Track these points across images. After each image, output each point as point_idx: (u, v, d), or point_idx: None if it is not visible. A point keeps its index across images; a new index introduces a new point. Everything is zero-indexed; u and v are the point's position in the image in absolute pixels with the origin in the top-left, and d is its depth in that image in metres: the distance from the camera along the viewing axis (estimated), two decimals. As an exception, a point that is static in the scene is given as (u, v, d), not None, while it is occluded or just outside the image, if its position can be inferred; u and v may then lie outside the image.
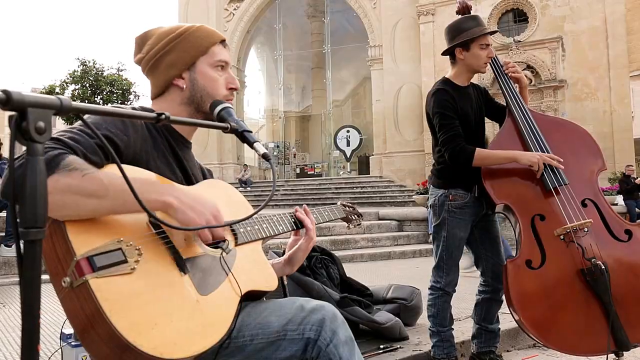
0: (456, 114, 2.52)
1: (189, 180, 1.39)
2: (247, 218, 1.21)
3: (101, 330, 0.95)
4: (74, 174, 0.99)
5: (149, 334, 0.97)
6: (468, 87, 2.67)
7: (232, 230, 1.31)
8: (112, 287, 0.97)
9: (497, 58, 2.68)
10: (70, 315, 1.01)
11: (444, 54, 2.70)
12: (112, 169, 1.11)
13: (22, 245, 0.70)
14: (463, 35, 2.56)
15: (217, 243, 1.24)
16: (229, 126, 1.19)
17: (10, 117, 0.71)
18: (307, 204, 1.66)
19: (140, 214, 1.04)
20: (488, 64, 2.61)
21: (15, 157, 0.91)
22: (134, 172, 1.15)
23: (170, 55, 1.36)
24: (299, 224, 1.54)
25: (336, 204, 1.87)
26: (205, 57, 1.38)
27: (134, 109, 1.29)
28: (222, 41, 1.43)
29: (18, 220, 0.70)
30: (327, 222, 1.73)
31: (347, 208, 1.91)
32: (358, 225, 1.96)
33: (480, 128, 2.70)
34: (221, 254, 1.21)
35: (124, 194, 1.00)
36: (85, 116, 1.14)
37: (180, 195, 1.09)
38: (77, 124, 1.14)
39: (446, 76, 2.67)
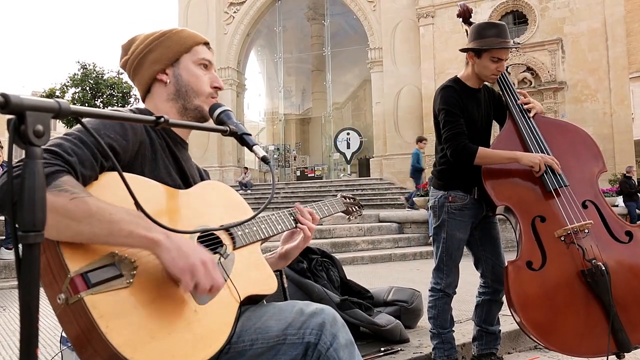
0: (462, 113, 2.51)
1: (186, 181, 1.38)
2: (246, 222, 1.21)
3: (98, 346, 0.94)
4: (62, 196, 0.96)
5: (146, 348, 0.97)
6: (479, 90, 2.64)
7: (230, 234, 1.30)
8: (107, 303, 0.96)
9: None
10: (67, 330, 1.00)
11: (460, 51, 2.66)
12: (109, 179, 1.11)
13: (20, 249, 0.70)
14: (478, 43, 2.50)
15: (215, 248, 1.23)
16: (228, 129, 1.19)
17: (8, 121, 0.70)
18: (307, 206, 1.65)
19: (128, 239, 1.01)
20: (496, 77, 2.56)
21: (14, 164, 0.90)
22: (132, 184, 1.14)
23: (153, 52, 1.39)
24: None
25: (336, 196, 1.86)
26: (188, 54, 1.42)
27: (131, 111, 1.29)
28: (206, 43, 1.46)
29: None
30: (327, 216, 1.71)
31: (347, 200, 1.90)
32: (359, 216, 1.95)
33: (487, 131, 2.68)
34: (219, 259, 1.20)
35: (110, 225, 0.98)
36: (85, 120, 1.14)
37: (172, 235, 1.04)
38: (75, 129, 1.12)
39: (458, 75, 2.66)
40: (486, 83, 2.67)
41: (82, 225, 0.97)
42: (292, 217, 1.53)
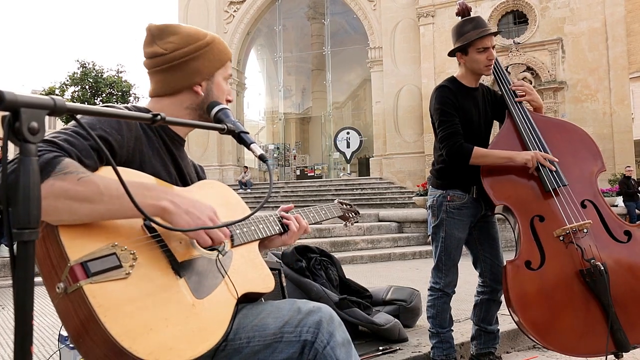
0: (457, 112, 2.51)
1: (183, 178, 1.38)
2: (244, 219, 1.21)
3: (96, 336, 0.94)
4: (69, 178, 0.98)
5: (144, 339, 0.97)
6: (476, 89, 2.64)
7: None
8: (106, 293, 0.96)
9: (497, 60, 2.67)
10: (64, 320, 1.00)
11: (450, 55, 2.67)
12: (107, 172, 1.11)
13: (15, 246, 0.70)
14: (460, 40, 2.54)
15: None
16: (225, 127, 1.19)
17: (2, 118, 0.70)
18: (307, 206, 1.66)
19: (137, 210, 1.03)
20: (491, 67, 2.56)
21: (9, 160, 0.90)
22: (129, 175, 1.14)
23: (198, 61, 1.37)
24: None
25: (333, 201, 1.87)
26: (222, 69, 1.44)
27: (127, 109, 1.29)
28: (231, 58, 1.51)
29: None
30: (324, 220, 1.72)
31: (344, 206, 1.90)
32: (356, 222, 1.96)
33: (485, 130, 2.68)
34: (217, 256, 1.21)
35: (120, 200, 1.00)
36: (80, 117, 1.14)
37: (176, 199, 1.09)
38: (71, 124, 1.13)
39: (454, 75, 2.67)
40: (482, 82, 2.67)
41: (95, 205, 0.99)
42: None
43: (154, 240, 1.11)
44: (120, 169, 0.99)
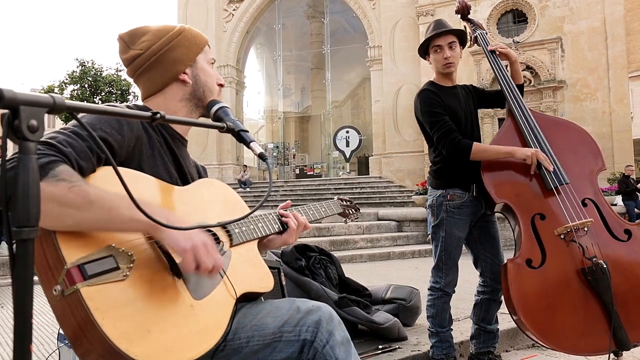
0: (444, 111, 2.53)
1: (184, 177, 1.37)
2: (242, 218, 1.20)
3: (93, 338, 0.94)
4: (61, 185, 0.96)
5: (141, 341, 0.96)
6: (454, 87, 2.68)
7: (227, 231, 1.30)
8: (103, 296, 0.96)
9: (498, 59, 2.67)
10: (62, 322, 0.99)
11: (425, 59, 2.75)
12: (106, 173, 1.10)
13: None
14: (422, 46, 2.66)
15: None
16: (225, 126, 1.18)
17: (2, 116, 0.70)
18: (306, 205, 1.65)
19: (129, 224, 1.01)
20: (449, 66, 2.60)
21: (8, 158, 0.90)
22: (127, 176, 1.13)
23: (175, 50, 1.37)
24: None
25: (333, 199, 1.87)
26: (202, 54, 1.44)
27: (128, 107, 1.29)
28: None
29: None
30: (324, 217, 1.71)
31: (344, 203, 1.90)
32: (356, 219, 1.96)
33: (473, 126, 2.69)
34: None
35: (111, 211, 0.99)
36: (80, 115, 1.14)
37: (169, 217, 1.05)
38: (71, 124, 1.12)
39: (431, 79, 2.71)
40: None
41: (84, 213, 0.97)
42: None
43: (152, 242, 1.10)
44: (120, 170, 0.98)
